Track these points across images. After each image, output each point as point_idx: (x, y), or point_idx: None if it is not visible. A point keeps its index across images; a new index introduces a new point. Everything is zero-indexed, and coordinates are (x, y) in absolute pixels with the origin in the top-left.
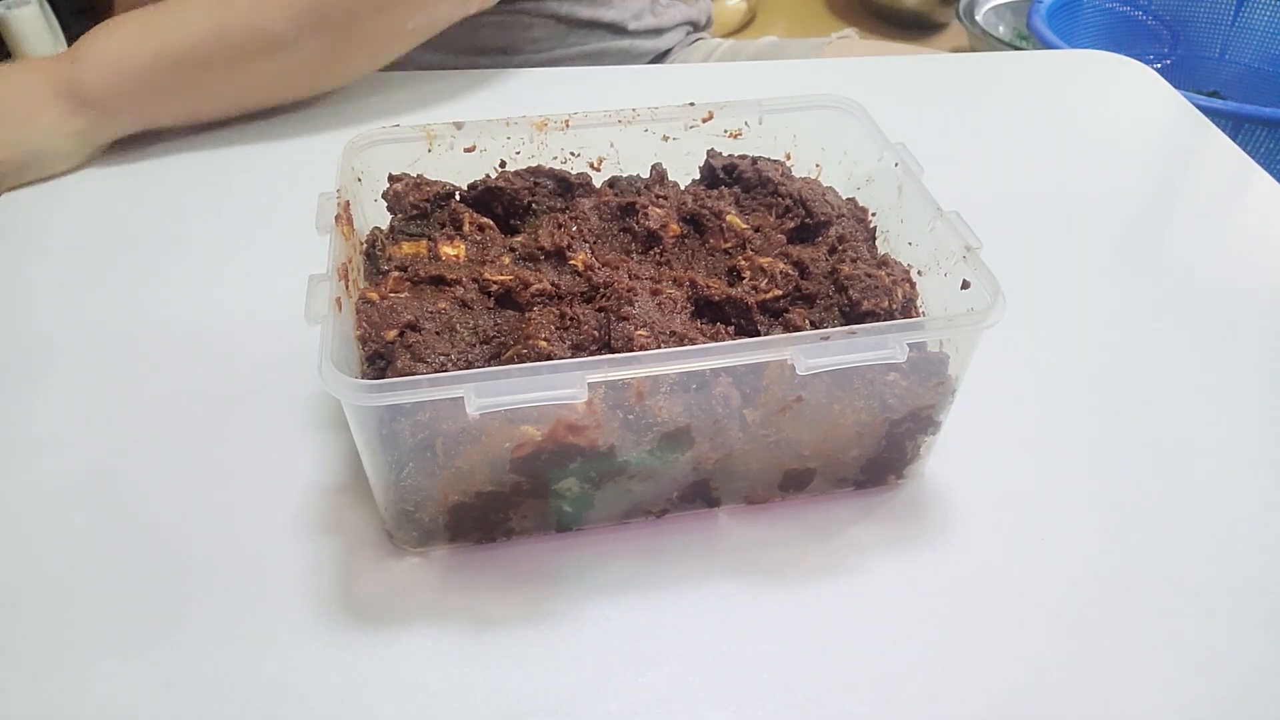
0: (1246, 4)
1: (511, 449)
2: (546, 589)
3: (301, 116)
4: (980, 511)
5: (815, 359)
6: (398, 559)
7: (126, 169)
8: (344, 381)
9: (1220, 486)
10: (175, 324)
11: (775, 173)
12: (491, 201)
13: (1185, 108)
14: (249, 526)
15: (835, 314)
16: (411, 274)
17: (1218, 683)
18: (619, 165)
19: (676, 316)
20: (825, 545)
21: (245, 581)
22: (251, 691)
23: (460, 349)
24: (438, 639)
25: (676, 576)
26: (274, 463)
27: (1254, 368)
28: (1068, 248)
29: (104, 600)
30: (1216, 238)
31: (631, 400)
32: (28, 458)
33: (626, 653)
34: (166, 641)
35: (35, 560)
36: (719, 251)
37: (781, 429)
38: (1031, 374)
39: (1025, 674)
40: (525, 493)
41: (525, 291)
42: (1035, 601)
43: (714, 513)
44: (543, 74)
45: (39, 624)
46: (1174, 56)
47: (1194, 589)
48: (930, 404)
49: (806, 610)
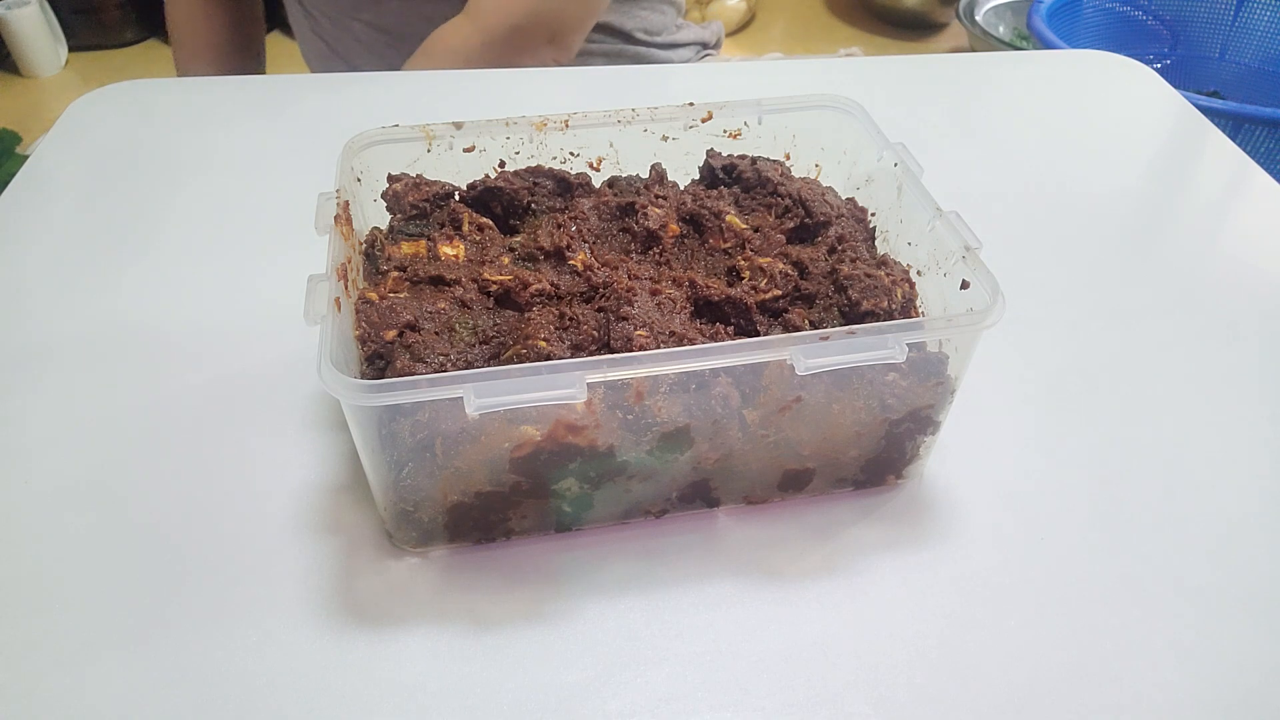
0: (1246, 4)
1: (511, 449)
2: (546, 589)
3: (301, 116)
4: (980, 511)
5: (814, 359)
6: (397, 559)
7: (126, 169)
8: (343, 381)
9: (1220, 486)
10: (174, 324)
11: (775, 173)
12: (491, 201)
13: (1185, 108)
14: (248, 526)
15: (835, 314)
16: (411, 274)
17: (1218, 683)
18: (618, 165)
19: (676, 316)
20: (825, 545)
21: (244, 581)
22: (251, 691)
23: (459, 349)
24: (437, 639)
25: (676, 577)
26: (273, 463)
27: (1254, 367)
28: (1067, 248)
29: (102, 600)
30: (1216, 238)
31: (631, 400)
32: (27, 458)
33: (626, 653)
34: (166, 641)
35: (34, 560)
36: (718, 251)
37: (781, 429)
38: (1031, 374)
39: (1025, 674)
40: (524, 493)
41: (524, 291)
42: (1035, 601)
43: (713, 513)
44: (543, 74)
45: (37, 623)
46: (1174, 56)
47: (1194, 589)
48: (930, 404)
49: (806, 610)
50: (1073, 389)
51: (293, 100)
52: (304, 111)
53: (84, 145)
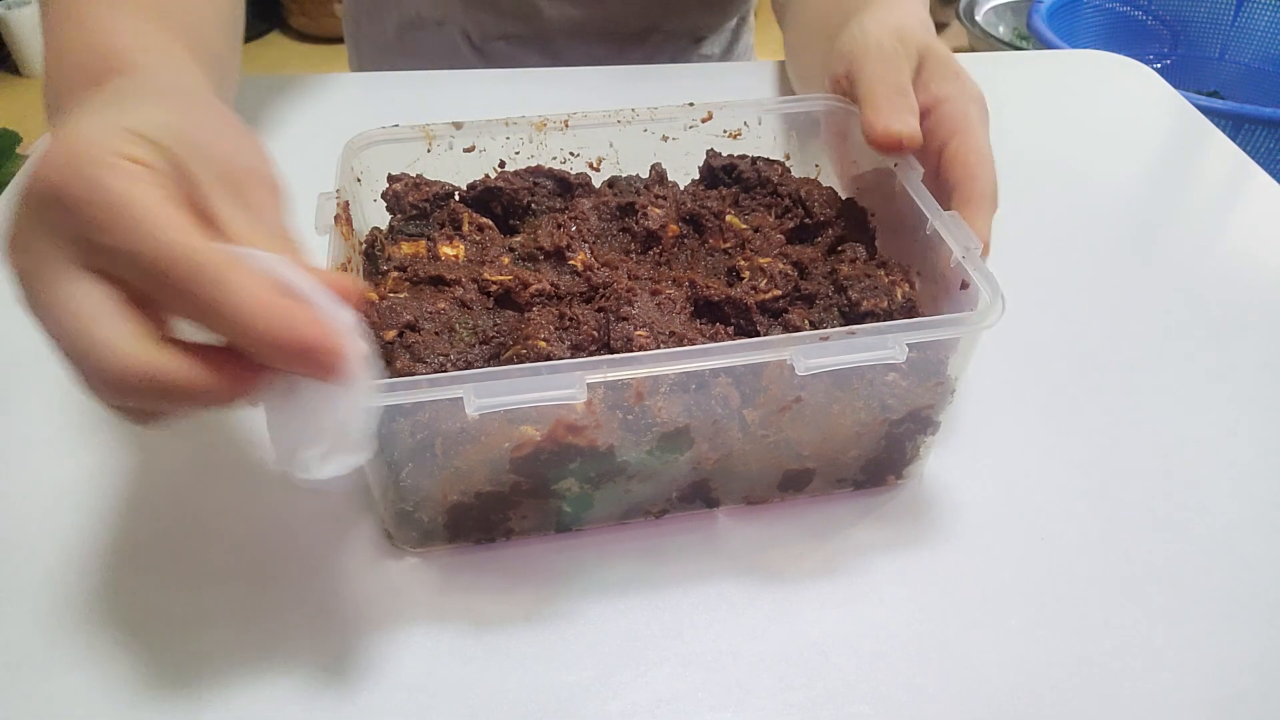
0: (1246, 4)
1: (511, 449)
2: (546, 589)
3: (301, 116)
4: (979, 511)
5: (814, 359)
6: (397, 559)
7: None
8: None
9: (1220, 486)
10: None
11: (774, 173)
12: (491, 202)
13: (1185, 108)
14: (247, 526)
15: (835, 314)
16: (411, 274)
17: (1218, 683)
18: (618, 165)
19: (676, 317)
20: (825, 545)
21: (243, 581)
22: (250, 690)
23: (459, 349)
24: (437, 639)
25: (676, 577)
26: (273, 460)
27: (1254, 367)
28: (1067, 248)
29: (100, 601)
30: (1216, 238)
31: (631, 400)
32: (22, 459)
33: (626, 653)
34: (164, 641)
35: (31, 559)
36: (718, 251)
37: (781, 429)
38: (1031, 374)
39: (1025, 674)
40: (525, 493)
41: (524, 291)
42: (1035, 601)
43: (713, 513)
44: (543, 74)
45: (35, 622)
46: (1174, 56)
47: (1194, 589)
48: (929, 404)
49: (806, 610)
50: (1072, 389)
51: (293, 100)
52: (304, 111)
53: None
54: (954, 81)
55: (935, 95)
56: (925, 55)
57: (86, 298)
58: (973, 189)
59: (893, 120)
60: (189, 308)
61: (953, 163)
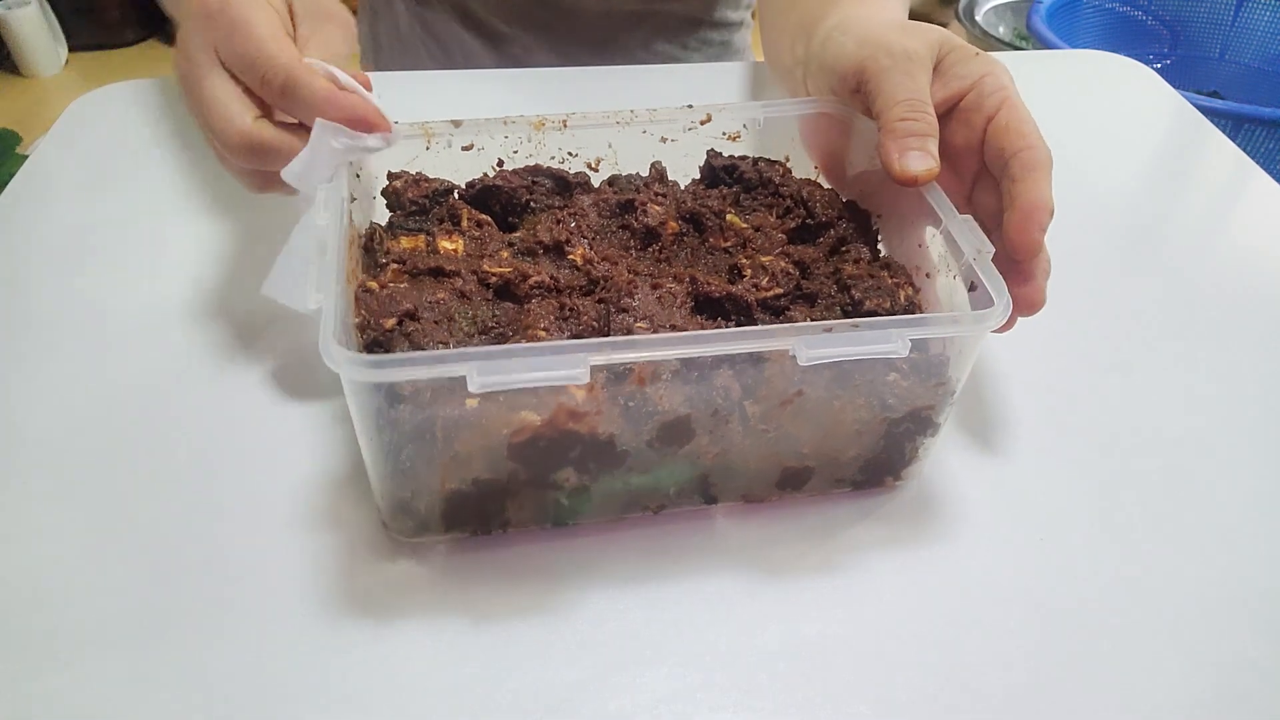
0: (1246, 4)
1: (510, 434)
2: (544, 585)
3: None
4: (980, 512)
5: (817, 350)
6: (394, 555)
7: (126, 169)
8: (345, 356)
9: (1220, 486)
10: (175, 323)
11: (776, 173)
12: (489, 200)
13: (1185, 108)
14: (244, 522)
15: (837, 313)
16: (410, 266)
17: (1218, 683)
18: (617, 166)
19: (676, 311)
20: (824, 545)
21: (241, 577)
22: (248, 688)
23: (459, 339)
24: (435, 636)
25: (674, 574)
26: (272, 456)
27: (1254, 367)
28: (1067, 248)
29: (99, 597)
30: (1216, 238)
31: (634, 382)
32: (20, 452)
33: (624, 652)
34: (162, 638)
35: (29, 557)
36: (719, 250)
37: (781, 425)
38: (1030, 373)
39: (1024, 674)
40: (523, 482)
41: (524, 284)
42: (1034, 601)
43: (711, 511)
44: (543, 74)
45: (33, 622)
46: (1174, 56)
47: (1194, 589)
48: (930, 405)
49: (805, 610)
50: (1072, 389)
51: None
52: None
53: (84, 145)
54: (983, 61)
55: (968, 74)
56: (944, 46)
57: (220, 88)
58: (1032, 156)
59: (911, 161)
60: (281, 99)
61: (1006, 132)
